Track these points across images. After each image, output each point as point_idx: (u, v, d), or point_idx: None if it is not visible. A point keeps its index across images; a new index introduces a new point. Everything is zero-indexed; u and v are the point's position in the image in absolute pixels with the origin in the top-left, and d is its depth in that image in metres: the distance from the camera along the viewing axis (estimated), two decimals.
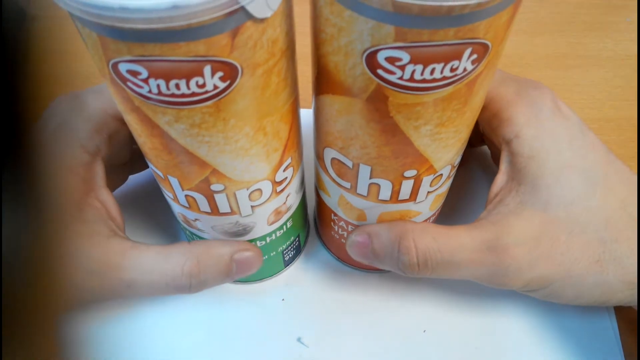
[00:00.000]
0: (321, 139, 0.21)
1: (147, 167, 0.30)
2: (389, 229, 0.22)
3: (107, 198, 0.23)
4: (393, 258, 0.22)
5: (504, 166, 0.23)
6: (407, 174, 0.20)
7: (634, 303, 0.22)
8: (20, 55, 0.08)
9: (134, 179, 0.30)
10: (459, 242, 0.21)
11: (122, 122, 0.23)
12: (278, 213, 0.23)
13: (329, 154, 0.21)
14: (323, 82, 0.18)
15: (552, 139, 0.22)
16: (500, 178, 0.23)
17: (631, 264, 0.21)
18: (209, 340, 0.26)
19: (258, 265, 0.24)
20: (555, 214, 0.21)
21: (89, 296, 0.23)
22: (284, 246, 0.27)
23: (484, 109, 0.24)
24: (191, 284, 0.22)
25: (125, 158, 0.28)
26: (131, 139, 0.21)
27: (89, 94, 0.24)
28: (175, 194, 0.21)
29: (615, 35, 0.43)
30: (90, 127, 0.23)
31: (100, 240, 0.22)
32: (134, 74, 0.15)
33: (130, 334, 0.26)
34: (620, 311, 0.27)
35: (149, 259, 0.22)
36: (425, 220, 0.24)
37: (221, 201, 0.20)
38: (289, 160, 0.21)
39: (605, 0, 0.45)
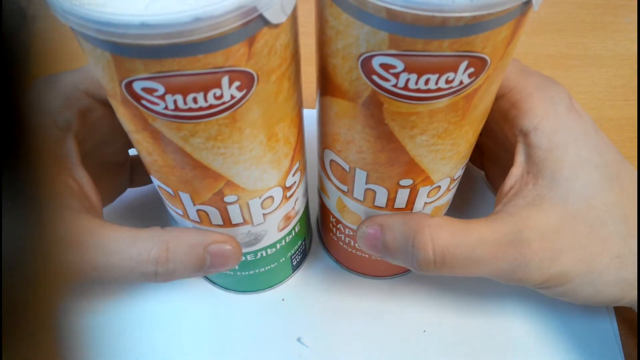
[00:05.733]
0: (322, 140, 0.21)
1: (148, 182, 0.28)
2: (403, 221, 0.21)
3: (82, 176, 0.22)
4: (407, 253, 0.21)
5: (519, 158, 0.22)
6: (403, 182, 0.20)
7: None
8: (20, 55, 0.08)
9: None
10: (479, 236, 0.20)
11: (96, 99, 0.22)
12: (288, 218, 0.23)
13: (329, 155, 0.21)
14: (324, 84, 0.18)
15: (570, 134, 0.22)
16: (515, 171, 0.22)
17: None
18: (209, 340, 0.26)
19: (235, 262, 0.21)
20: (576, 207, 0.21)
21: None
22: (292, 251, 0.26)
23: (502, 97, 0.23)
24: (157, 272, 0.20)
25: (118, 157, 0.26)
26: (115, 127, 0.20)
27: (65, 72, 0.23)
28: (186, 210, 0.20)
29: (615, 35, 0.43)
30: (60, 102, 0.22)
31: (68, 215, 0.20)
32: (150, 91, 0.14)
33: (130, 333, 0.26)
34: (620, 312, 0.27)
35: (116, 240, 0.20)
36: None
37: (234, 212, 0.20)
38: (297, 165, 0.21)
39: (605, 0, 0.45)
